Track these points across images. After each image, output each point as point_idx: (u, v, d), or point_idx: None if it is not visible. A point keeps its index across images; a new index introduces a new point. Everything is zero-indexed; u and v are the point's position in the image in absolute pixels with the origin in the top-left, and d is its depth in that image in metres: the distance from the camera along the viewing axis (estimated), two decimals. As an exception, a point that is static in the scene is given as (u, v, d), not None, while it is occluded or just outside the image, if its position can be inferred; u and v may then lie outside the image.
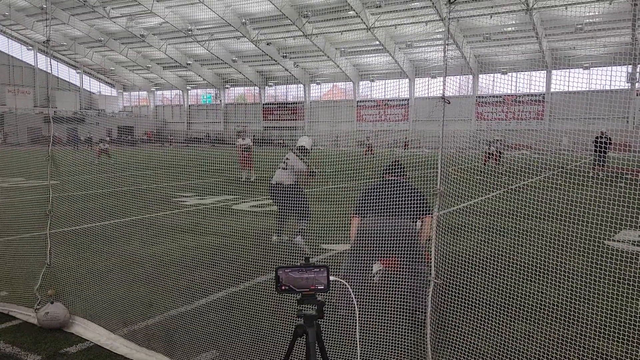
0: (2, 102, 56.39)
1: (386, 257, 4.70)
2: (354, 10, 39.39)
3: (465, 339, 3.73)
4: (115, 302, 4.96)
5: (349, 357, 3.53)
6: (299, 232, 6.86)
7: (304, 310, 2.32)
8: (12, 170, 14.35)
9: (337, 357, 3.55)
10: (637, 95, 37.83)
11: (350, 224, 4.91)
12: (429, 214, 4.41)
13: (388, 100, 55.26)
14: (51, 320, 4.37)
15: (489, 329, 3.95)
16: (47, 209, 5.01)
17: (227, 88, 65.89)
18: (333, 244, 6.83)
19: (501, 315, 3.96)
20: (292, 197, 6.96)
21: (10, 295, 5.05)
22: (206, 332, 4.18)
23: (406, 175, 5.04)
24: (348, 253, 4.70)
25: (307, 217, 6.89)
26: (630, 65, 34.14)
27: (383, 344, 3.70)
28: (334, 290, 2.46)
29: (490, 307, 3.92)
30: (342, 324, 3.61)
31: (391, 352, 3.69)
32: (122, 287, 5.38)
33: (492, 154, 19.40)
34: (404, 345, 3.70)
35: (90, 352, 4.00)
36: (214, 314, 4.64)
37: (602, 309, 4.54)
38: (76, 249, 5.69)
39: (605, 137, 14.47)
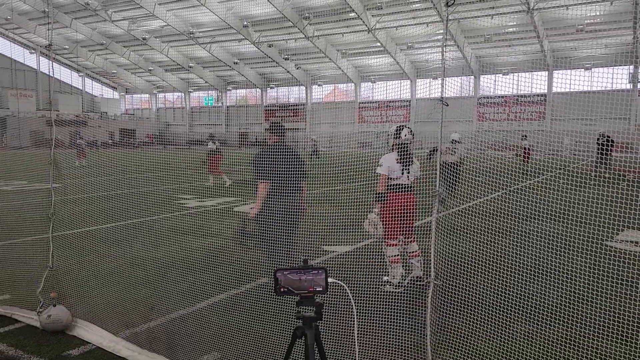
0: (5, 106, 56.61)
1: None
2: (355, 12, 39.45)
3: (465, 339, 3.74)
4: (117, 304, 4.98)
5: (348, 358, 3.54)
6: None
7: (303, 312, 2.33)
8: (15, 173, 14.40)
9: (336, 359, 3.56)
10: (639, 95, 37.76)
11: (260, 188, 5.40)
12: (305, 178, 5.49)
13: (389, 102, 55.31)
14: (54, 323, 4.39)
15: (489, 330, 3.96)
16: (50, 212, 5.04)
17: (229, 90, 66.01)
18: (335, 245, 6.85)
19: (501, 316, 3.97)
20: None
21: (13, 298, 5.07)
22: (208, 334, 4.20)
23: (285, 135, 5.65)
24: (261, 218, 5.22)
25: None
26: (632, 66, 34.09)
27: (382, 345, 3.71)
28: (332, 290, 2.47)
29: (491, 308, 3.93)
30: (341, 325, 3.62)
31: (391, 353, 3.71)
32: (124, 289, 5.40)
33: (526, 149, 19.29)
34: (404, 346, 3.71)
35: (92, 354, 4.02)
36: (216, 316, 4.66)
37: (603, 309, 4.54)
38: (78, 251, 5.71)
39: (605, 138, 14.43)
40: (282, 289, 2.30)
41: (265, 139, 5.62)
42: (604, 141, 14.33)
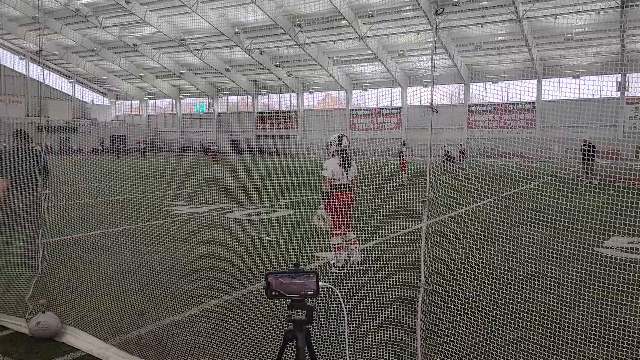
0: (-6, 112, 56.15)
1: None
2: (347, 20, 39.67)
3: (456, 345, 3.76)
4: (107, 311, 4.95)
5: (340, 363, 3.54)
6: None
7: (294, 315, 2.34)
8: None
9: (328, 364, 3.56)
10: (626, 103, 38.24)
11: None
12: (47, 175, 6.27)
13: (381, 109, 55.55)
14: (43, 330, 4.35)
15: (479, 335, 3.98)
16: (39, 218, 5.01)
17: (221, 97, 65.98)
18: (325, 251, 6.86)
19: (492, 322, 4.00)
20: None
21: (1, 305, 5.02)
22: (198, 340, 4.19)
23: (29, 138, 6.67)
24: None
25: None
26: (620, 74, 34.56)
27: (373, 350, 3.72)
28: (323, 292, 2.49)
29: (481, 314, 3.95)
30: (331, 329, 3.63)
31: (381, 357, 3.71)
32: (114, 296, 5.37)
33: (402, 156, 18.66)
34: (394, 351, 3.73)
35: (82, 361, 3.99)
36: (207, 322, 4.64)
37: (591, 315, 4.58)
38: (68, 258, 5.68)
39: (587, 145, 14.55)
40: (273, 293, 2.31)
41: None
42: (586, 148, 14.45)
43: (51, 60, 61.32)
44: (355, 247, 6.54)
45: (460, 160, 19.96)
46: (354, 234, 6.65)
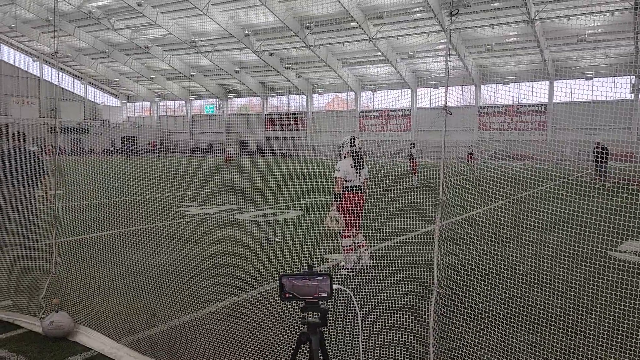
0: (8, 113, 56.83)
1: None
2: (356, 22, 39.65)
3: (468, 349, 3.74)
4: (119, 311, 4.97)
5: (352, 366, 3.53)
6: None
7: (308, 317, 2.34)
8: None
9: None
10: (640, 105, 37.78)
11: None
12: (45, 174, 6.74)
13: (390, 111, 55.44)
14: (56, 329, 4.38)
15: (492, 340, 3.95)
16: (53, 218, 5.05)
17: (230, 99, 66.24)
18: (335, 253, 6.85)
19: (505, 326, 3.96)
20: None
21: (16, 305, 5.07)
22: (210, 341, 4.19)
23: (26, 140, 7.14)
24: None
25: None
26: (634, 76, 34.17)
27: (385, 353, 3.70)
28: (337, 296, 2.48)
29: (494, 318, 3.92)
30: (344, 332, 3.62)
31: (394, 361, 3.69)
32: (126, 296, 5.40)
33: (413, 158, 18.61)
34: (407, 354, 3.71)
35: (94, 361, 4.01)
36: (218, 323, 4.65)
37: (605, 319, 4.52)
38: (81, 258, 5.71)
39: (600, 147, 14.39)
40: (287, 295, 2.31)
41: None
42: (599, 150, 14.29)
43: (64, 62, 61.94)
44: (365, 250, 6.55)
45: (468, 162, 19.93)
46: (363, 236, 6.66)
